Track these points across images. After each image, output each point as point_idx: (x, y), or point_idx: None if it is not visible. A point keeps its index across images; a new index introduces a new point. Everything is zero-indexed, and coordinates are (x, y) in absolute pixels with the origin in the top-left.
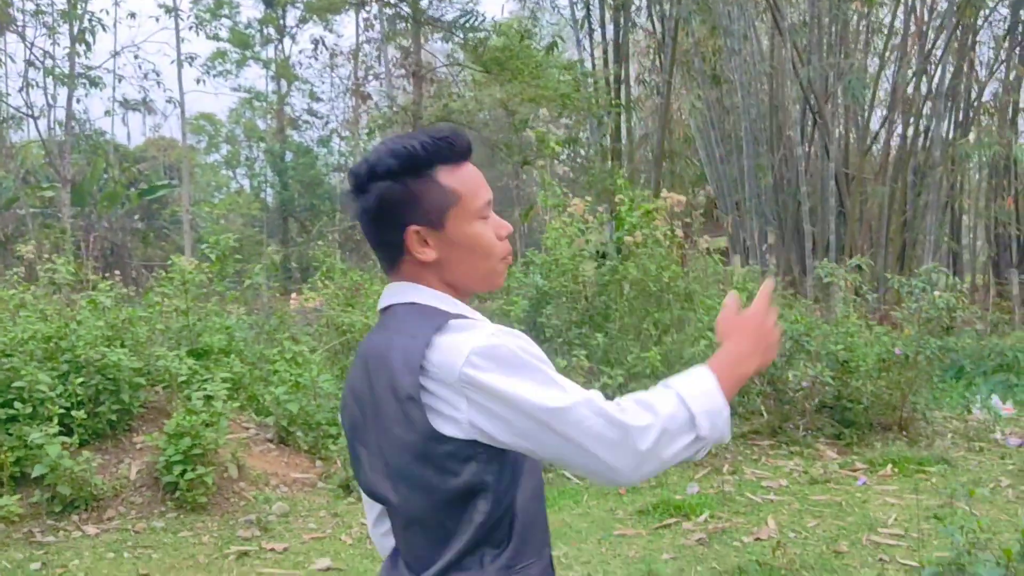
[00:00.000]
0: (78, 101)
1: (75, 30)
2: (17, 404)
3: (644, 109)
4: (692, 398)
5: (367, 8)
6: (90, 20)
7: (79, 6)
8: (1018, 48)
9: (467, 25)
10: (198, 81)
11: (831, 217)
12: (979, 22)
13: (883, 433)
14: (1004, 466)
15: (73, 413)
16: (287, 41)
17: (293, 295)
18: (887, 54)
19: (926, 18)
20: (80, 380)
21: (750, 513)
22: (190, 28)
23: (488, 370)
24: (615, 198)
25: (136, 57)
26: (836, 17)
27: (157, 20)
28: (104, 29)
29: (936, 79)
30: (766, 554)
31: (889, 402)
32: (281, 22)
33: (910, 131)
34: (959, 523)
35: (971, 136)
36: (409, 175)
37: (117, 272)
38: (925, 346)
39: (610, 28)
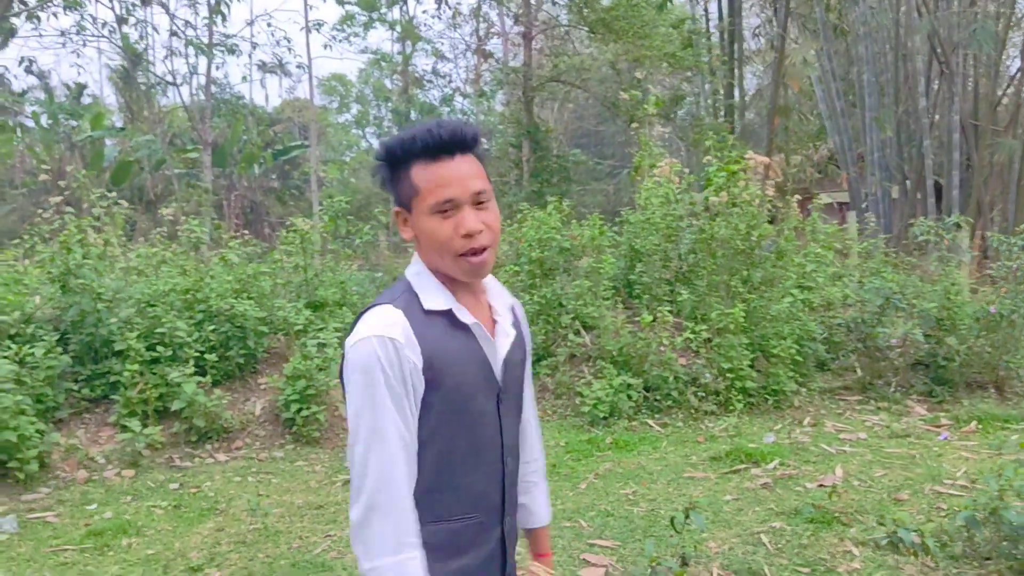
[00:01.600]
0: (217, 68)
1: (212, 1)
2: (159, 348)
3: (758, 64)
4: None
5: None
6: None
7: None
8: None
9: None
10: (325, 47)
11: (955, 171)
12: None
13: (977, 391)
14: None
15: (207, 356)
16: (411, 2)
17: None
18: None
19: None
20: (212, 328)
21: (820, 462)
22: None
23: (346, 370)
24: (703, 159)
25: (269, 25)
26: None
27: None
28: (239, 0)
29: None
30: (824, 499)
31: (988, 361)
32: None
33: None
34: (1005, 474)
35: None
36: (392, 165)
37: (246, 232)
38: (1021, 304)
39: None
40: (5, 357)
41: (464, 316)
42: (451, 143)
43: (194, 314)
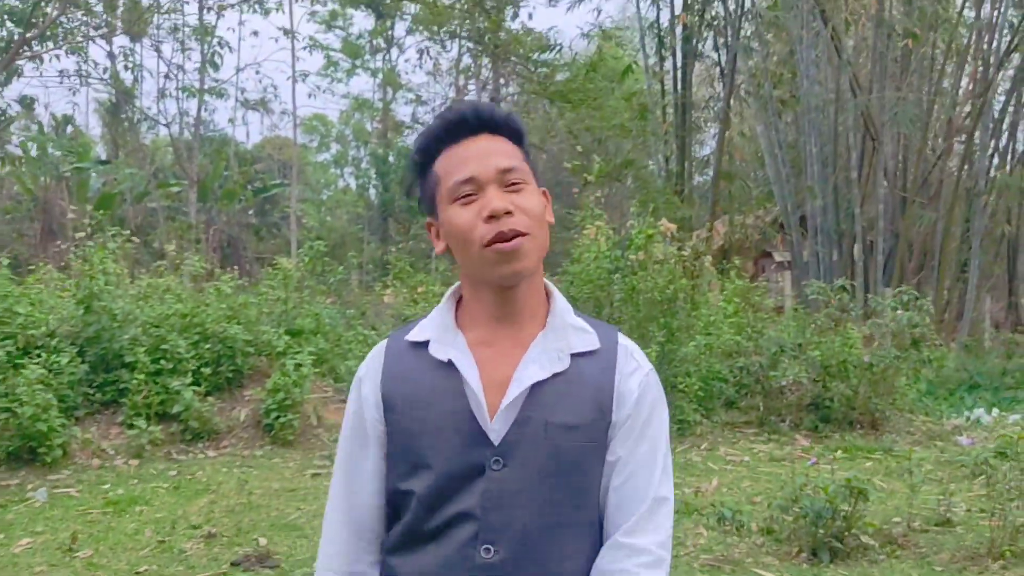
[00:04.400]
0: (205, 110)
1: (206, 51)
2: (162, 361)
3: (707, 133)
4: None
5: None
6: (219, 43)
7: (208, 27)
8: None
9: (539, 61)
10: (310, 95)
11: (880, 239)
12: None
13: (856, 429)
14: (939, 457)
15: (202, 370)
16: (394, 50)
17: (389, 290)
18: (940, 85)
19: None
20: (207, 346)
21: (703, 475)
22: (304, 48)
23: None
24: (629, 222)
25: (257, 72)
26: (889, 50)
27: (276, 41)
28: (231, 51)
29: (982, 110)
30: (693, 498)
31: (864, 404)
32: (390, 32)
33: (964, 160)
34: (815, 480)
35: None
36: (423, 163)
37: (235, 266)
38: (886, 356)
39: (679, 56)
40: (35, 364)
41: (439, 349)
42: (476, 121)
43: (191, 335)
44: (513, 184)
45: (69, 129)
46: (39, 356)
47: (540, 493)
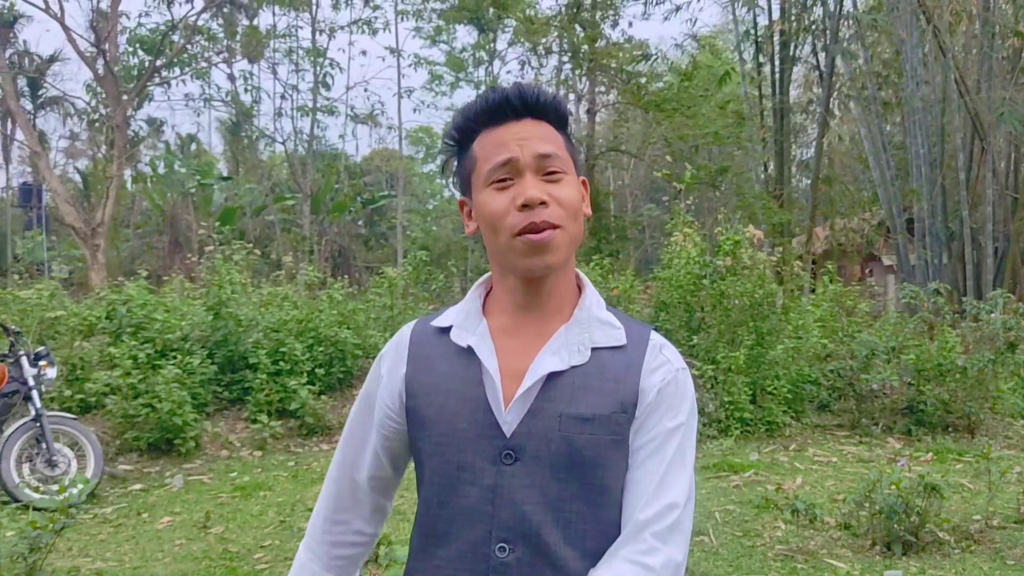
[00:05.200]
0: (318, 127)
1: (319, 72)
2: (281, 363)
3: (805, 137)
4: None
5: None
6: (330, 64)
7: (320, 49)
8: None
9: (633, 71)
10: (415, 110)
11: (989, 242)
12: None
13: (952, 433)
14: None
15: (316, 371)
16: (496, 62)
17: None
18: None
19: None
20: (321, 349)
21: (788, 474)
22: (409, 65)
23: None
24: (719, 229)
25: (365, 90)
26: (994, 49)
27: (383, 60)
28: (341, 71)
29: None
30: (774, 495)
31: (960, 407)
32: (492, 45)
33: None
34: (889, 475)
35: None
36: (461, 142)
37: (345, 275)
38: (980, 359)
39: (777, 61)
40: (172, 364)
41: (460, 335)
42: (519, 104)
43: (307, 339)
44: (551, 172)
45: (193, 147)
46: (174, 358)
47: (553, 489)
